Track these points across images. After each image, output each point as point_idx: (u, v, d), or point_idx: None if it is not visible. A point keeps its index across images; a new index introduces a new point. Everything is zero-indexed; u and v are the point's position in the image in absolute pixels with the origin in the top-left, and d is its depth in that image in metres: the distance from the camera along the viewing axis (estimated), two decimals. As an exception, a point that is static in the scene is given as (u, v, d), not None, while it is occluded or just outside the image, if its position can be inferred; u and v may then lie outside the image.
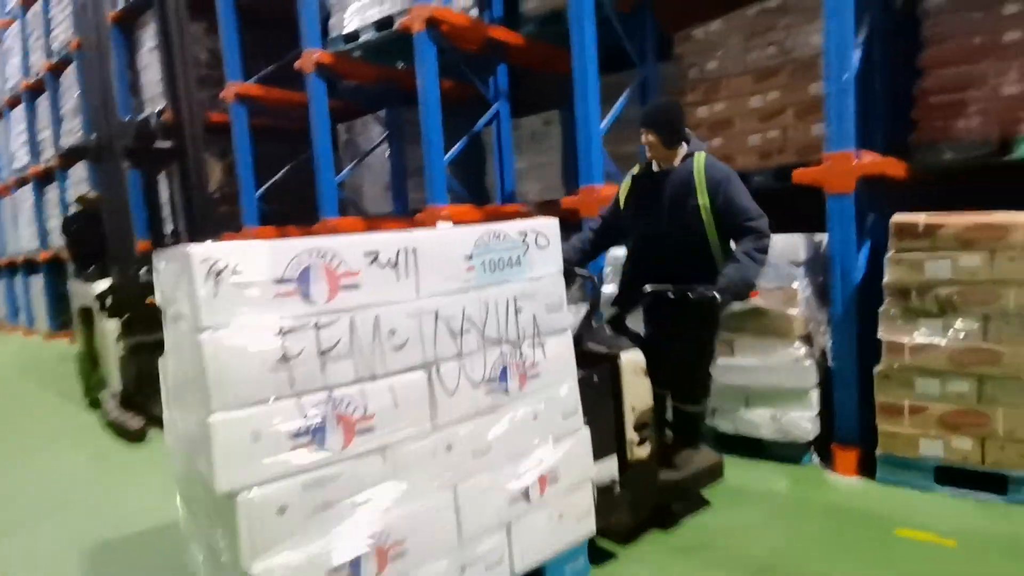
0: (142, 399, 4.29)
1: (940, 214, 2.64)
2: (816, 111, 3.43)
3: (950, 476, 2.62)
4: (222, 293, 1.38)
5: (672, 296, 2.31)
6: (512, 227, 1.85)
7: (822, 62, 2.99)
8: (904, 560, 2.13)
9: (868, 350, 2.79)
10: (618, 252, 3.23)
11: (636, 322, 2.65)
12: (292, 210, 6.72)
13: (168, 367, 1.74)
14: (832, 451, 2.95)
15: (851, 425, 2.87)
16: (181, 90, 4.56)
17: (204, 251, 1.37)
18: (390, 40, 4.80)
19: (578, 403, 1.99)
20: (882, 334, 2.73)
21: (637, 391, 2.22)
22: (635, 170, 2.60)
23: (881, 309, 2.75)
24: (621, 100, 4.22)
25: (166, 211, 5.44)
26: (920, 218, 2.64)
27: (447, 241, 1.73)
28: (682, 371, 2.50)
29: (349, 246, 1.54)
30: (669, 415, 2.62)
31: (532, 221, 1.91)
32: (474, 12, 4.88)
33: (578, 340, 2.20)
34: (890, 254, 2.71)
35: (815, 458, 3.03)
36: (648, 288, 2.35)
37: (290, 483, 1.43)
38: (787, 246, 3.02)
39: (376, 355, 1.56)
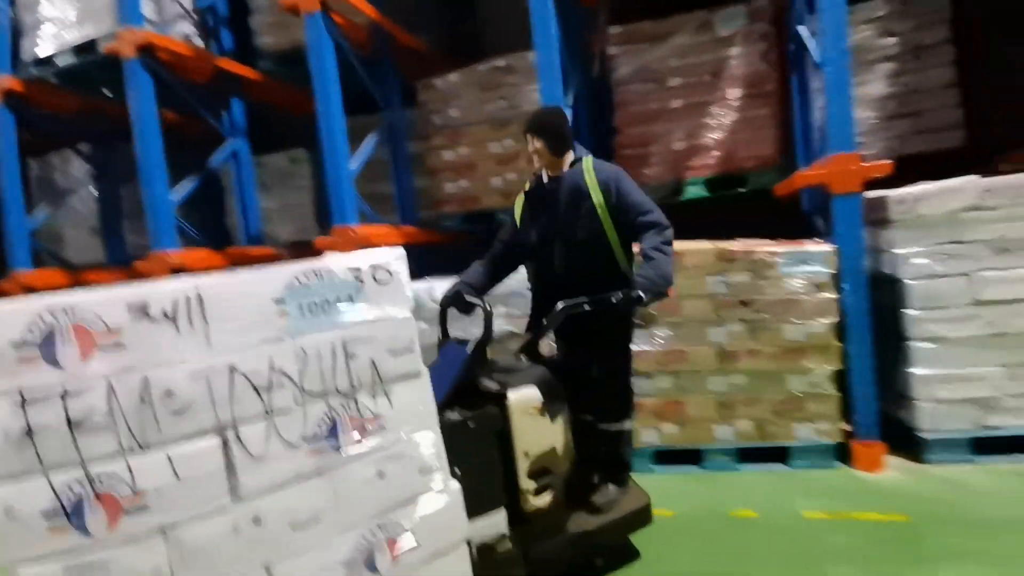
0: None
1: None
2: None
3: (664, 457, 3.23)
4: None
5: (589, 308, 2.14)
6: (340, 262, 1.63)
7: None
8: (634, 537, 2.56)
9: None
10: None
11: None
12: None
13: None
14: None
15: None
16: None
17: None
18: (94, 66, 4.22)
19: (440, 455, 1.77)
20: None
21: (532, 434, 2.02)
22: (526, 187, 2.53)
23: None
24: (370, 142, 4.32)
25: None
26: (624, 247, 3.24)
27: (245, 286, 1.52)
28: (603, 387, 2.34)
29: (106, 301, 1.36)
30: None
31: (370, 253, 1.69)
32: (199, 42, 4.55)
33: (471, 377, 2.07)
34: (605, 278, 3.27)
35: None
36: (561, 304, 2.15)
37: (52, 567, 1.31)
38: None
39: (147, 423, 1.38)
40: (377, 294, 1.68)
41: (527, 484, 2.00)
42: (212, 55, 4.58)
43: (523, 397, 2.03)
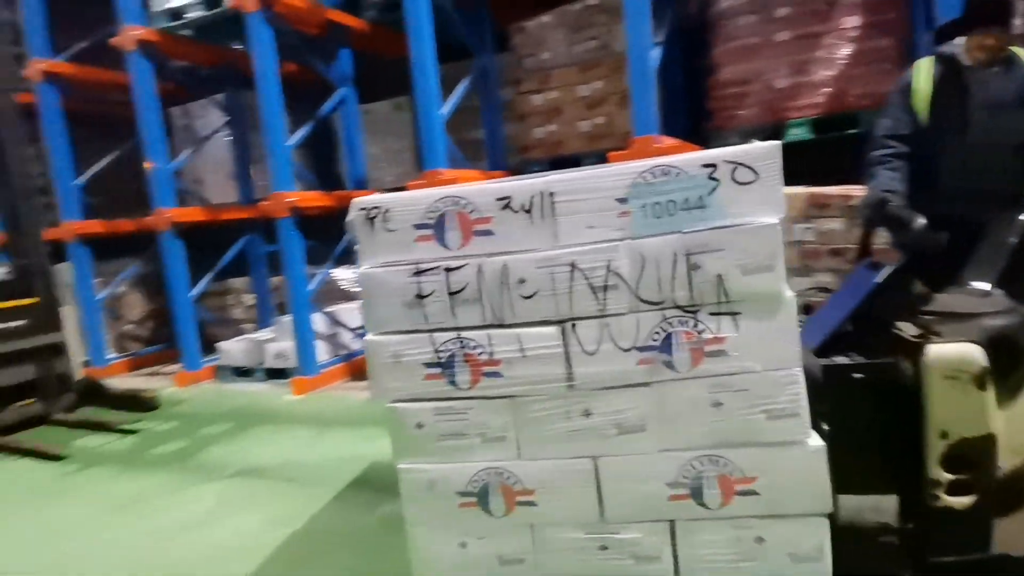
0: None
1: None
2: (633, 100, 3.81)
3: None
4: (375, 236, 1.63)
5: None
6: (692, 159, 1.48)
7: (634, 57, 3.34)
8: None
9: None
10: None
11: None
12: (118, 202, 6.13)
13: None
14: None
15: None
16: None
17: (363, 200, 1.64)
18: (222, 19, 4.57)
19: (802, 403, 1.50)
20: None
21: (957, 409, 1.51)
22: (925, 68, 2.11)
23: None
24: (461, 88, 4.38)
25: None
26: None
27: (590, 183, 1.53)
28: None
29: (481, 193, 1.59)
30: None
31: (729, 149, 1.49)
32: (312, -6, 4.77)
33: (880, 312, 1.69)
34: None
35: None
36: None
37: (425, 406, 1.66)
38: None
39: (504, 302, 1.58)
40: (735, 196, 1.46)
41: (939, 474, 1.53)
42: (324, 7, 4.81)
43: (952, 355, 1.50)
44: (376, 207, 1.63)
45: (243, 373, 5.10)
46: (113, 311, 6.11)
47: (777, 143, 1.46)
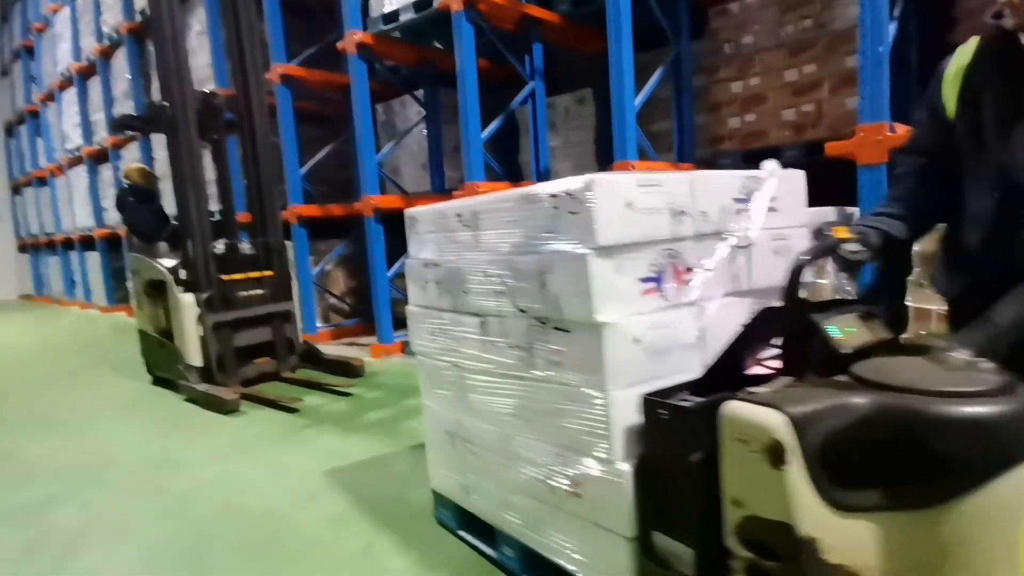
0: (224, 376, 4.61)
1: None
2: (851, 84, 3.49)
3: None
4: (415, 236, 2.32)
5: None
6: (545, 189, 1.66)
7: (857, 34, 3.04)
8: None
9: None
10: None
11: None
12: (329, 190, 6.88)
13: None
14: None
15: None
16: (249, 65, 4.74)
17: (408, 211, 2.35)
18: (429, 20, 4.94)
19: (609, 426, 1.57)
20: (910, 300, 2.83)
21: (748, 479, 1.23)
22: (965, 54, 1.53)
23: (911, 277, 2.84)
24: (655, 78, 4.27)
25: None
26: (951, 188, 2.74)
27: (496, 206, 1.86)
28: None
29: (450, 208, 2.10)
30: None
31: (566, 181, 1.59)
32: (509, -11, 4.95)
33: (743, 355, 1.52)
34: (921, 223, 2.83)
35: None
36: None
37: (429, 361, 2.32)
38: (818, 219, 3.09)
39: (458, 294, 2.09)
40: (569, 225, 1.59)
41: (735, 546, 1.28)
42: (520, 3, 4.94)
43: (742, 417, 1.22)
44: (413, 217, 2.31)
45: (428, 349, 5.52)
46: (321, 286, 6.93)
47: (592, 177, 1.51)
